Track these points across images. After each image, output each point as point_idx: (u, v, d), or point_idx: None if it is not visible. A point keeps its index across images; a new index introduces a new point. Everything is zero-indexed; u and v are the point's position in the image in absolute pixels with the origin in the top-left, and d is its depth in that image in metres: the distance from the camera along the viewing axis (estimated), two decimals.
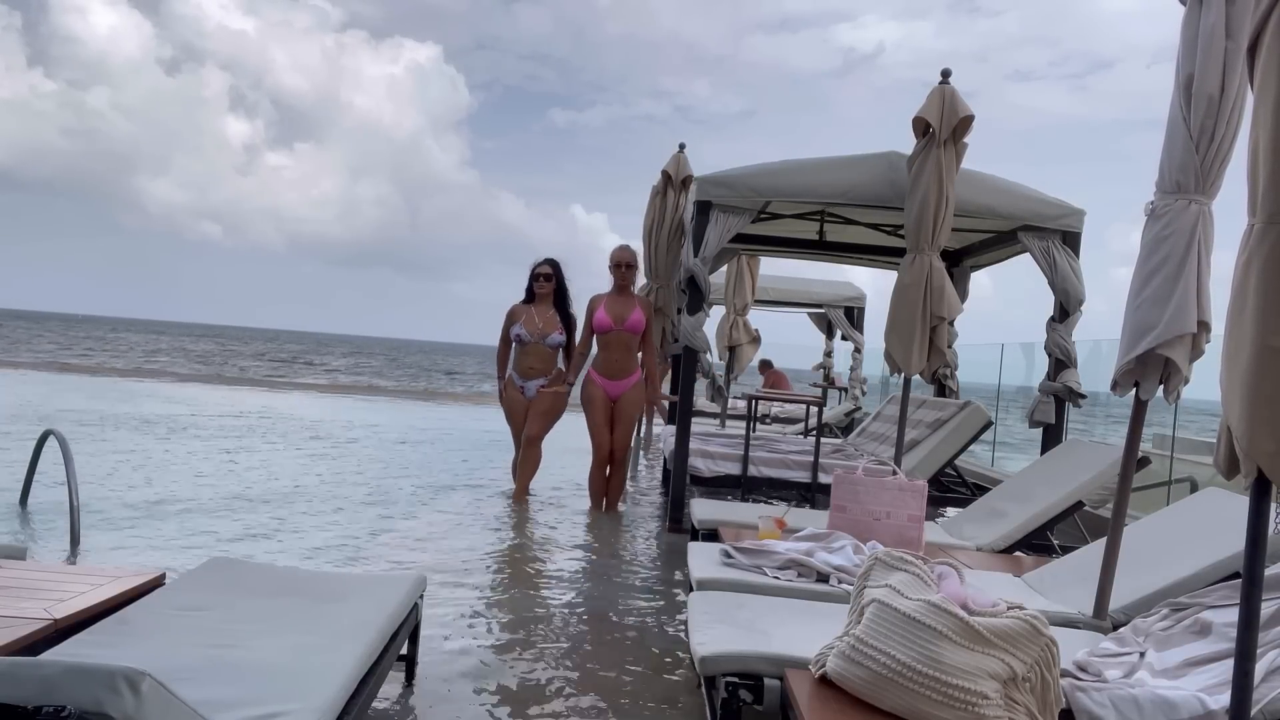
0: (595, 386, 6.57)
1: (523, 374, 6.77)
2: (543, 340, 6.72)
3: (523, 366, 6.76)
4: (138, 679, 1.48)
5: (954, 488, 6.89)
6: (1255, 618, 1.88)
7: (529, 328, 6.76)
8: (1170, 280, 2.76)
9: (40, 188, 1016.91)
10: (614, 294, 6.62)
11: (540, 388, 6.75)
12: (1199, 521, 3.42)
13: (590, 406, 6.56)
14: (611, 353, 6.55)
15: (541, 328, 6.75)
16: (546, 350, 6.74)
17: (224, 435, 9.49)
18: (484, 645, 3.52)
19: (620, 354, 6.55)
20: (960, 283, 7.21)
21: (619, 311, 6.53)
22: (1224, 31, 2.61)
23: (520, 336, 6.74)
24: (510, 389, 6.83)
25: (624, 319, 6.52)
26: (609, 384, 6.56)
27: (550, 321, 6.78)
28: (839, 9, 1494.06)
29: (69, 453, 4.88)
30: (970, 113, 5.04)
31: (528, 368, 6.75)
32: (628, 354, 6.59)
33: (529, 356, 6.74)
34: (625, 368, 6.58)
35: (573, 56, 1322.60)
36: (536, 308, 6.83)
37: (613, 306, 6.55)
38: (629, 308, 6.55)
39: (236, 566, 3.01)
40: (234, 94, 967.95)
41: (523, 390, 6.78)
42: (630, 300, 6.60)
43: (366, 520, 5.70)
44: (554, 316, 6.82)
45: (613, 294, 6.62)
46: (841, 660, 2.20)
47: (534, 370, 6.74)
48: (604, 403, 6.53)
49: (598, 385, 6.56)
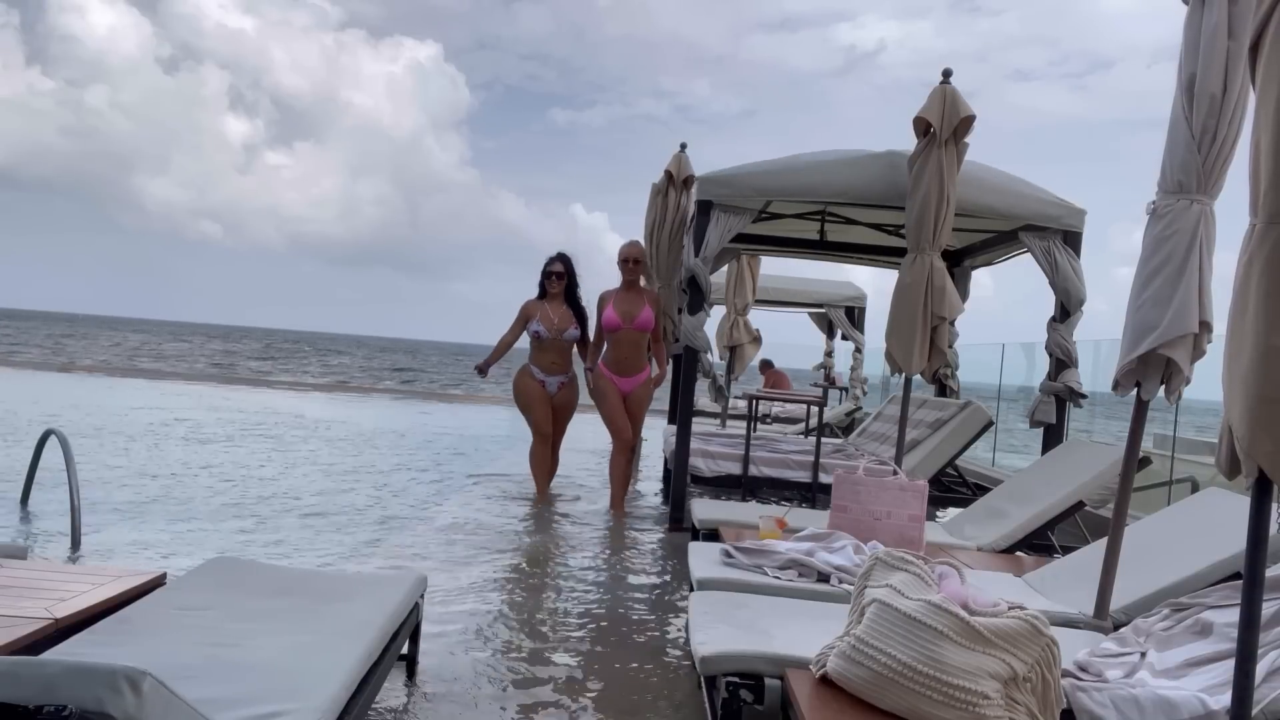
0: (606, 380, 6.62)
1: (544, 369, 6.94)
2: (560, 335, 6.92)
3: (544, 362, 6.94)
4: (139, 678, 1.48)
5: (954, 488, 6.90)
6: (1256, 618, 1.88)
7: (546, 324, 6.91)
8: (1172, 280, 2.76)
9: (39, 186, 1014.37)
10: (623, 290, 6.63)
11: (561, 384, 6.95)
12: (1200, 521, 3.42)
13: (603, 398, 6.62)
14: (621, 350, 6.59)
15: (557, 323, 6.93)
16: (564, 345, 6.96)
17: (224, 435, 9.49)
18: (484, 644, 3.52)
19: (630, 351, 6.60)
20: (961, 282, 7.21)
21: (628, 309, 6.54)
22: (1226, 31, 2.61)
23: (539, 334, 6.91)
24: (528, 379, 6.97)
25: (634, 317, 6.53)
26: (620, 380, 6.63)
27: (565, 317, 6.96)
28: (838, 8, 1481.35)
29: (70, 452, 4.88)
30: (971, 113, 5.04)
31: (550, 363, 6.93)
32: (637, 352, 6.64)
33: (549, 352, 6.92)
34: (635, 365, 6.64)
35: (573, 56, 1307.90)
36: (550, 304, 6.99)
37: (622, 304, 6.56)
38: (638, 305, 6.55)
39: (237, 566, 3.02)
40: (233, 93, 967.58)
41: (543, 384, 6.95)
42: (639, 297, 6.60)
43: (367, 521, 5.69)
44: (567, 312, 6.98)
45: (622, 290, 6.63)
46: (842, 660, 2.20)
47: (555, 365, 6.93)
48: (616, 392, 6.61)
49: (608, 379, 6.62)
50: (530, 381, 6.98)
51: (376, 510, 6.01)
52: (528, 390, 6.99)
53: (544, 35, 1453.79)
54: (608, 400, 6.62)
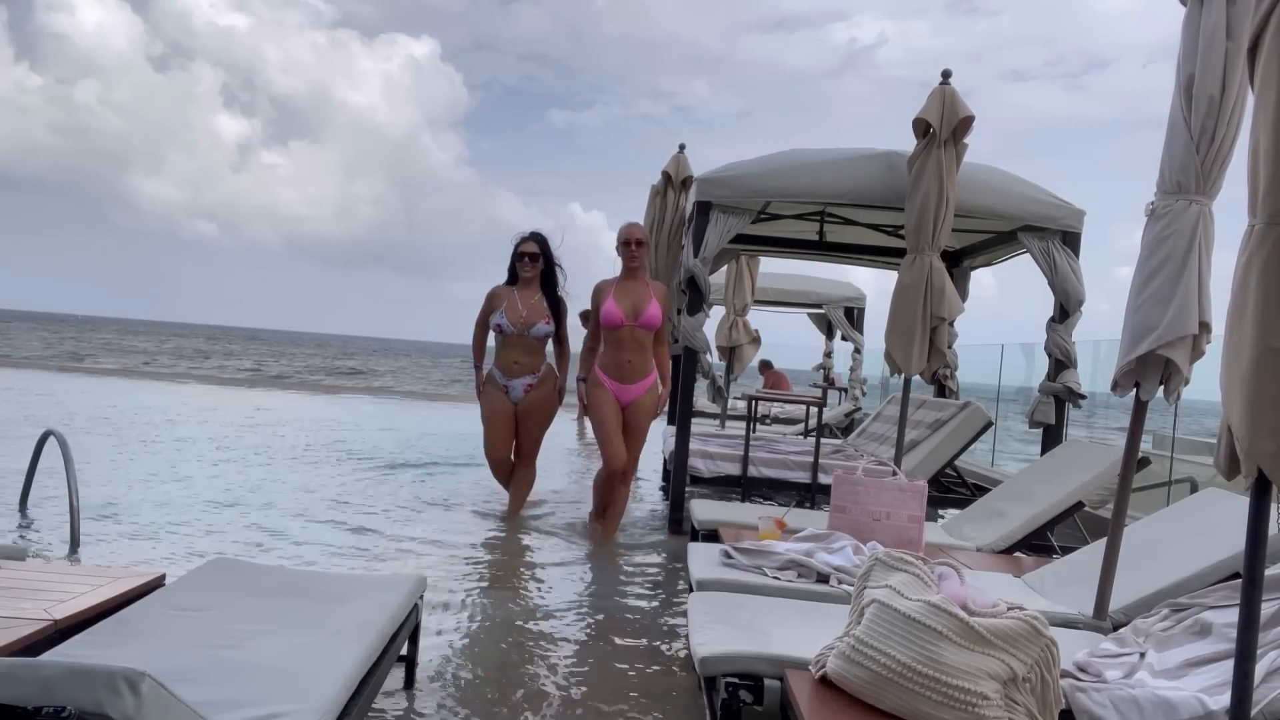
0: (602, 388, 5.53)
1: (506, 370, 5.83)
2: (527, 331, 5.76)
3: (506, 361, 5.82)
4: (138, 679, 1.48)
5: (954, 488, 6.89)
6: (1255, 618, 1.88)
7: (511, 316, 5.77)
8: (1171, 281, 2.76)
9: (32, 185, 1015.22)
10: (624, 280, 5.56)
11: (528, 387, 5.84)
12: (1199, 522, 3.42)
13: (596, 408, 5.51)
14: (622, 352, 5.49)
15: (525, 316, 5.77)
16: (532, 342, 5.80)
17: (223, 435, 9.49)
18: (484, 645, 3.52)
19: (633, 353, 5.49)
20: (960, 283, 7.21)
21: (632, 302, 5.47)
22: (1225, 32, 2.61)
23: (502, 327, 5.78)
24: (491, 387, 5.88)
25: (638, 311, 5.45)
26: (619, 388, 5.53)
27: (536, 309, 5.81)
28: (835, 8, 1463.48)
29: (69, 453, 4.88)
30: (970, 113, 5.05)
31: (512, 363, 5.81)
32: (641, 353, 5.52)
33: (512, 350, 5.81)
34: (638, 369, 5.53)
35: (571, 56, 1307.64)
36: (520, 292, 5.85)
37: (624, 296, 5.49)
38: (643, 298, 5.49)
39: (236, 567, 3.01)
40: (227, 91, 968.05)
41: (506, 390, 5.84)
42: (643, 288, 5.54)
43: (368, 521, 5.69)
44: (540, 302, 5.84)
45: (623, 280, 5.56)
46: (842, 661, 2.20)
47: (519, 366, 5.81)
48: (613, 405, 5.51)
49: (605, 387, 5.53)
50: (489, 388, 5.88)
51: (379, 511, 6.01)
52: (485, 398, 5.90)
53: (542, 35, 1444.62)
54: (601, 414, 5.49)
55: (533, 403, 5.86)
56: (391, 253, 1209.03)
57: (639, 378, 5.52)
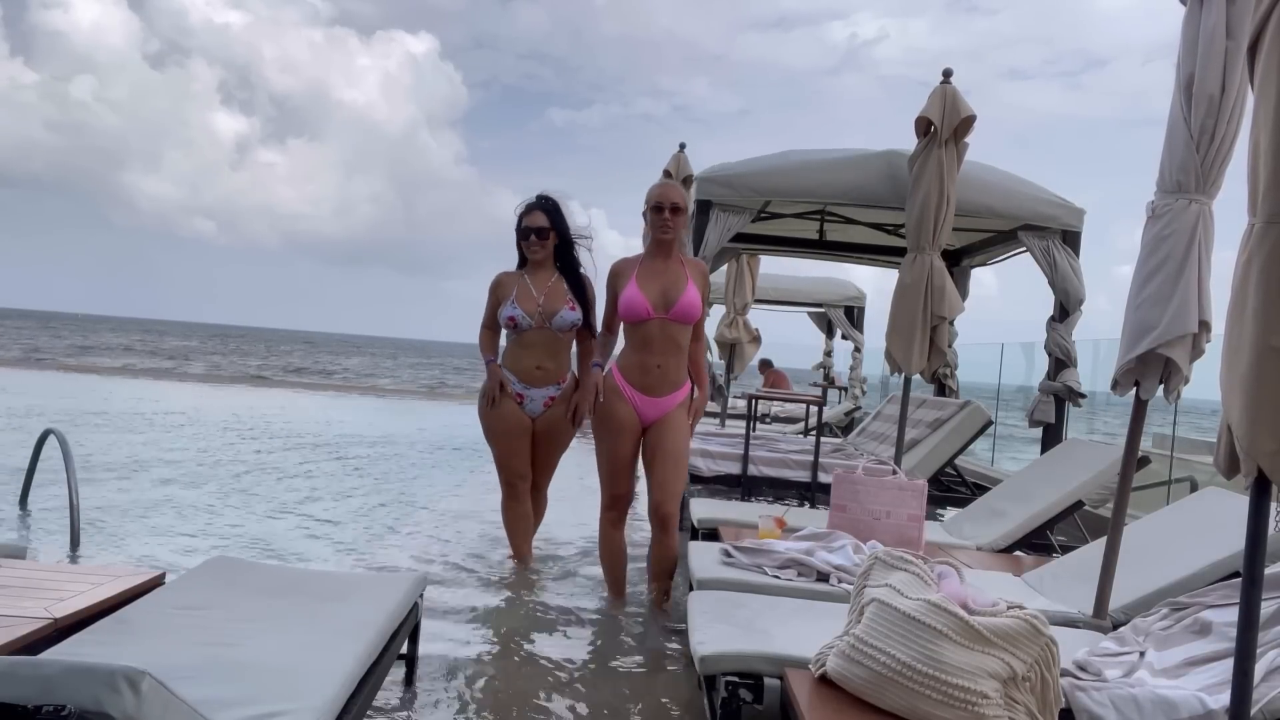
0: (621, 400, 4.03)
1: (523, 376, 4.54)
2: (548, 321, 4.50)
3: (524, 365, 4.54)
4: (138, 678, 1.48)
5: (954, 487, 6.89)
6: (1255, 617, 1.88)
7: (525, 305, 4.49)
8: (1171, 280, 2.76)
9: (28, 182, 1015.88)
10: (650, 258, 4.07)
11: (550, 400, 4.58)
12: (1199, 521, 3.42)
13: (609, 428, 4.05)
14: (650, 353, 4.00)
15: (543, 303, 4.50)
16: (555, 337, 4.54)
17: (223, 436, 9.49)
18: (484, 645, 3.52)
19: (664, 355, 4.00)
20: (961, 282, 7.21)
21: (661, 287, 3.99)
22: (1225, 31, 2.61)
23: (516, 320, 4.49)
24: (502, 395, 4.55)
25: (670, 300, 3.97)
26: (644, 401, 4.03)
27: (555, 292, 4.53)
28: (833, 7, 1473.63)
29: (69, 452, 4.88)
30: (972, 113, 5.05)
31: (533, 368, 4.53)
32: (675, 355, 4.03)
33: (532, 350, 4.54)
34: (670, 377, 4.03)
35: (571, 56, 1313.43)
36: (533, 275, 4.58)
37: (650, 279, 4.00)
38: (677, 280, 4.00)
39: (236, 566, 3.01)
40: (224, 89, 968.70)
41: (521, 400, 4.55)
42: (677, 268, 4.04)
43: (368, 522, 5.69)
44: (559, 283, 4.57)
45: (649, 258, 4.07)
46: (841, 660, 2.20)
47: (542, 373, 4.54)
48: (632, 425, 4.03)
49: (624, 398, 4.03)
50: (500, 397, 4.54)
51: (378, 510, 6.01)
52: (497, 416, 4.56)
53: (541, 35, 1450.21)
54: (614, 435, 4.04)
55: (554, 421, 4.62)
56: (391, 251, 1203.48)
57: (671, 388, 4.03)
